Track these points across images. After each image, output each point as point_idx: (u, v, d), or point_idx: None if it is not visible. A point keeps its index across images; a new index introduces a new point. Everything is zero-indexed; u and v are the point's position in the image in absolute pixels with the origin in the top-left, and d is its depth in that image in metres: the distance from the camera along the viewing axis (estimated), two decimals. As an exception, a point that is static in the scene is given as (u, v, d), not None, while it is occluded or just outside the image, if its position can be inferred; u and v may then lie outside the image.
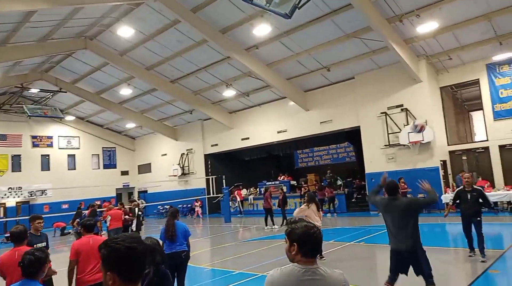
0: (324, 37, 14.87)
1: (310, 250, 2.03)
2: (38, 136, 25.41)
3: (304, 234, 2.03)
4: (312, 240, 2.02)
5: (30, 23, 13.44)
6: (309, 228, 2.05)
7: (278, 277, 2.02)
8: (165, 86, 19.85)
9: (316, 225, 2.10)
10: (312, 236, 2.03)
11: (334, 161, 25.12)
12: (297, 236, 2.04)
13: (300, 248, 2.01)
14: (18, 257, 3.92)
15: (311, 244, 2.03)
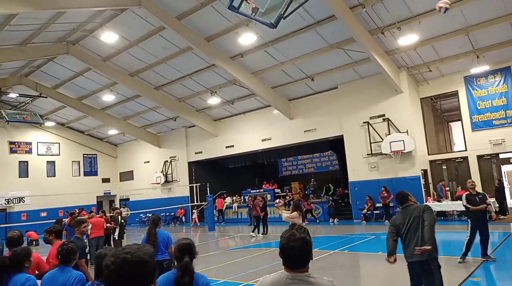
0: (308, 47, 15.07)
1: (289, 261, 2.03)
2: (16, 142, 24.71)
3: (283, 245, 2.04)
4: (289, 251, 2.02)
5: (10, 27, 13.16)
6: (289, 239, 2.03)
7: (266, 283, 2.04)
8: (149, 92, 19.68)
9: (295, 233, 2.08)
10: (289, 248, 2.01)
11: (318, 170, 25.29)
12: (280, 245, 2.07)
13: (283, 258, 2.05)
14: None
15: (288, 255, 2.03)
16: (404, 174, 15.82)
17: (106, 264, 1.42)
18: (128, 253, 1.41)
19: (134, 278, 1.39)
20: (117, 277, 1.38)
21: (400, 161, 15.85)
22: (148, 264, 1.43)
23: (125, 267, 1.38)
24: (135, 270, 1.39)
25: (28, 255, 3.70)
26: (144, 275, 1.41)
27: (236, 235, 17.31)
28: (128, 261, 1.39)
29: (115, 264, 1.39)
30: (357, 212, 17.08)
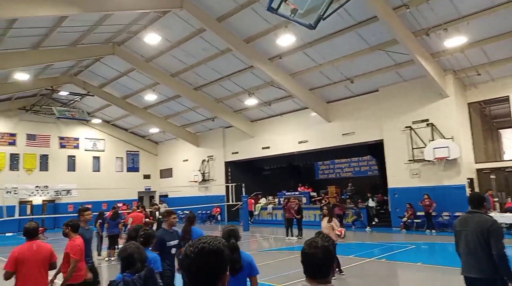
0: (348, 48, 14.73)
1: (310, 269, 1.96)
2: (65, 137, 26.24)
3: (304, 251, 1.99)
4: (310, 259, 1.95)
5: (62, 28, 13.96)
6: (309, 246, 1.98)
7: None
8: (188, 93, 20.14)
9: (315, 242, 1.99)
10: (310, 255, 1.95)
11: (355, 174, 24.66)
12: (301, 252, 2.00)
13: (303, 265, 1.98)
14: (36, 248, 4.58)
15: (309, 263, 1.96)
16: (448, 182, 15.03)
17: (185, 253, 1.54)
18: (205, 242, 1.53)
19: (211, 266, 1.51)
20: (196, 265, 1.51)
21: (444, 168, 15.07)
22: (223, 253, 1.55)
23: (203, 256, 1.51)
24: (212, 258, 1.51)
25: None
26: (220, 263, 1.54)
27: (270, 236, 17.27)
28: (206, 250, 1.51)
29: (194, 254, 1.51)
30: (396, 220, 16.45)
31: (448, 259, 10.58)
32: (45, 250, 4.68)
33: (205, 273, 1.52)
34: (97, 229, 13.07)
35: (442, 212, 15.15)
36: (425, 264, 9.60)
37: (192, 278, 1.54)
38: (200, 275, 1.52)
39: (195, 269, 1.51)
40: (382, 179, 19.64)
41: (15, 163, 23.84)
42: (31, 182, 23.81)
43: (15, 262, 4.43)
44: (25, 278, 4.44)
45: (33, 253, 4.54)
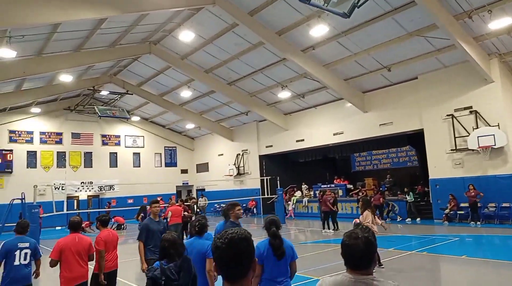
0: (385, 36, 14.29)
1: (351, 260, 1.94)
2: (107, 135, 27.43)
3: (344, 242, 1.97)
4: (351, 250, 1.93)
5: (101, 30, 14.53)
6: (349, 237, 1.96)
7: (328, 285, 1.97)
8: (222, 88, 20.39)
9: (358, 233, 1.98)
10: (351, 246, 1.93)
11: (394, 165, 23.99)
12: (341, 244, 1.99)
13: (344, 259, 1.96)
14: (78, 240, 5.19)
15: (350, 254, 1.94)
16: (494, 172, 14.29)
17: (216, 246, 1.63)
18: (232, 233, 1.64)
19: (242, 253, 1.60)
20: (228, 255, 1.59)
21: (489, 157, 14.33)
22: (250, 240, 1.66)
23: (234, 245, 1.60)
24: (243, 245, 1.61)
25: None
26: (249, 249, 1.63)
27: (306, 229, 17.24)
28: (235, 239, 1.61)
29: (225, 244, 1.60)
30: (438, 212, 15.89)
31: (496, 252, 10.11)
32: (85, 242, 5.25)
33: (237, 262, 1.60)
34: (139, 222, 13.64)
35: (488, 203, 14.46)
36: (470, 257, 9.23)
37: (225, 269, 1.61)
38: (233, 264, 1.59)
39: (227, 259, 1.59)
40: (423, 170, 19.03)
41: (62, 161, 25.24)
42: (77, 179, 25.12)
43: (59, 251, 4.99)
44: (67, 266, 4.98)
45: (75, 244, 5.09)
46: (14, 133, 23.70)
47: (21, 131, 23.94)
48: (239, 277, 1.60)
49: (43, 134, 24.73)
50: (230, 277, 1.61)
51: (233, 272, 1.60)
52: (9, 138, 23.46)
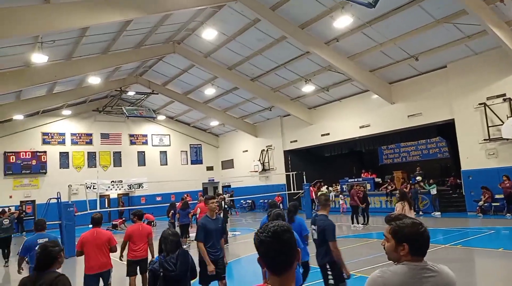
0: (411, 24, 13.89)
1: (422, 248, 1.96)
2: (134, 135, 28.10)
3: (416, 233, 1.96)
4: (423, 238, 1.96)
5: (127, 32, 14.85)
6: (417, 225, 1.97)
7: (391, 277, 1.90)
8: (245, 84, 20.44)
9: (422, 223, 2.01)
10: (423, 234, 1.96)
11: (424, 158, 23.39)
12: (408, 235, 1.95)
13: (411, 248, 1.94)
14: (96, 234, 5.86)
15: (423, 242, 1.96)
16: (531, 162, 13.69)
17: (260, 240, 1.61)
18: (274, 226, 1.63)
19: (287, 244, 1.60)
20: (274, 248, 1.59)
21: (526, 146, 13.73)
22: (291, 230, 1.65)
23: (279, 237, 1.60)
24: (286, 236, 1.61)
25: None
26: (293, 239, 1.63)
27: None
28: (279, 231, 1.60)
29: (270, 237, 1.60)
30: (471, 204, 15.38)
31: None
32: (103, 236, 5.93)
33: (283, 253, 1.59)
34: (170, 219, 13.93)
35: (526, 194, 13.86)
36: (507, 250, 8.90)
37: (272, 262, 1.60)
38: (281, 256, 1.58)
39: (274, 252, 1.58)
40: (454, 161, 18.47)
41: (92, 161, 26.08)
42: (107, 178, 25.86)
43: (80, 243, 5.81)
44: (87, 257, 5.76)
45: (94, 238, 5.80)
46: (47, 135, 24.67)
47: (53, 133, 24.89)
48: (286, 269, 1.60)
49: (74, 135, 25.62)
50: (277, 269, 1.60)
51: (280, 265, 1.59)
52: (42, 140, 24.45)
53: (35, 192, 23.34)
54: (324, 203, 5.24)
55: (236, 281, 8.64)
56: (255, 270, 8.27)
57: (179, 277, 3.72)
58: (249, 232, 15.83)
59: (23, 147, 23.44)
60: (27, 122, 23.63)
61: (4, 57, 13.29)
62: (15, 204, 22.68)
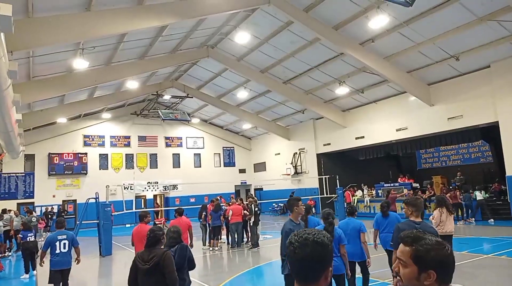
0: (452, 23, 13.29)
1: (451, 274, 1.56)
2: (170, 137, 28.81)
3: (444, 256, 1.54)
4: (452, 262, 1.56)
5: (163, 37, 15.27)
6: (443, 246, 1.56)
7: None
8: (278, 87, 20.40)
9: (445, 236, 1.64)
10: (450, 256, 1.55)
11: (465, 162, 22.28)
12: (436, 260, 1.53)
13: (439, 275, 1.52)
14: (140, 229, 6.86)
15: (452, 267, 1.56)
16: None
17: (290, 241, 1.60)
18: (310, 234, 1.58)
19: (314, 257, 1.54)
20: (299, 254, 1.55)
21: None
22: (327, 246, 1.56)
23: (307, 246, 1.54)
24: (316, 250, 1.54)
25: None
26: (323, 255, 1.55)
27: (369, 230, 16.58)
28: (310, 240, 1.55)
29: (298, 242, 1.56)
30: (518, 212, 14.43)
31: None
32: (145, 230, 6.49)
33: (307, 263, 1.54)
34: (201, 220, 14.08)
35: None
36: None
37: (294, 266, 1.57)
38: (302, 264, 1.55)
39: (297, 257, 1.55)
40: (499, 166, 17.43)
41: (130, 162, 26.99)
42: (144, 179, 26.68)
43: (132, 237, 6.97)
44: (136, 247, 6.74)
45: (139, 231, 6.80)
46: (88, 138, 25.81)
47: (94, 136, 26.00)
48: (306, 280, 1.55)
49: (113, 138, 26.63)
50: (297, 276, 1.57)
51: (300, 273, 1.56)
52: (83, 142, 25.60)
53: (76, 192, 24.46)
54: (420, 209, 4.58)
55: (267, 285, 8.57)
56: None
57: (176, 267, 4.11)
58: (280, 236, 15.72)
59: (66, 149, 24.66)
60: (70, 125, 24.84)
61: (49, 63, 14.04)
62: (57, 203, 23.90)
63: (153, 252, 3.97)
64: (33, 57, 12.98)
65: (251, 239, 13.05)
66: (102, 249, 13.18)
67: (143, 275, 3.88)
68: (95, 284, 9.81)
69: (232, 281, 8.59)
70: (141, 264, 3.92)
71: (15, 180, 23.30)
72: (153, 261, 3.87)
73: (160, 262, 3.87)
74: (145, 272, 3.86)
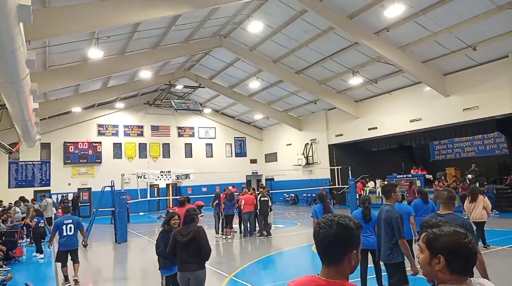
0: (469, 12, 12.98)
1: (465, 266, 1.55)
2: (182, 127, 29.01)
3: (457, 243, 1.54)
4: (467, 251, 1.54)
5: (176, 27, 15.28)
6: (460, 234, 1.56)
7: None
8: (290, 77, 20.30)
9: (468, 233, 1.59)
10: (467, 245, 1.54)
11: (479, 154, 21.96)
12: (445, 245, 1.56)
13: (449, 263, 1.54)
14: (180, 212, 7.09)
15: (466, 256, 1.54)
16: None
17: (318, 222, 1.69)
18: (336, 216, 1.66)
19: (337, 239, 1.60)
20: (323, 234, 1.62)
21: None
22: (351, 230, 1.61)
23: (331, 227, 1.61)
24: (339, 232, 1.60)
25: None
26: (346, 238, 1.60)
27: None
28: (335, 222, 1.62)
29: (324, 223, 1.64)
30: (534, 205, 14.23)
31: None
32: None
33: (330, 244, 1.60)
34: (214, 209, 14.25)
35: None
36: None
37: (319, 247, 1.65)
38: (325, 244, 1.61)
39: (321, 237, 1.62)
40: (515, 158, 17.16)
41: (143, 152, 27.31)
42: (157, 168, 27.00)
43: None
44: None
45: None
46: (102, 127, 26.16)
47: (108, 125, 26.34)
48: (330, 262, 1.61)
49: (127, 127, 26.94)
50: (321, 257, 1.65)
51: (324, 254, 1.63)
52: (97, 131, 25.97)
53: (91, 180, 24.90)
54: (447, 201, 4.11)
55: (279, 274, 8.68)
56: (296, 264, 8.28)
57: (187, 244, 4.74)
58: (292, 226, 15.84)
59: (80, 138, 25.06)
60: (84, 114, 25.19)
61: (64, 52, 14.22)
62: (73, 191, 24.40)
63: (190, 228, 4.77)
64: (49, 46, 13.16)
65: (260, 228, 13.23)
66: (117, 236, 13.47)
67: (182, 246, 4.71)
68: (111, 270, 10.07)
69: (245, 269, 8.72)
70: (179, 238, 4.73)
71: (31, 168, 23.85)
72: (190, 235, 4.68)
73: (196, 236, 4.67)
74: (184, 244, 4.69)
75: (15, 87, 9.07)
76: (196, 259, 4.68)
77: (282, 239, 12.91)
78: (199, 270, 4.70)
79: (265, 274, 8.68)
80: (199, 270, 4.70)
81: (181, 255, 4.73)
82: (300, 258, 10.09)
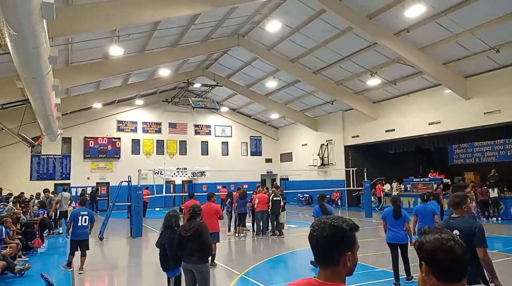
0: (493, 13, 12.66)
1: (447, 271, 1.54)
2: (199, 125, 29.31)
3: (437, 249, 1.55)
4: (448, 257, 1.54)
5: (195, 26, 15.43)
6: (442, 240, 1.57)
7: None
8: (307, 77, 20.22)
9: (454, 238, 1.60)
10: (448, 252, 1.53)
11: (500, 159, 21.32)
12: (427, 253, 1.59)
13: (432, 269, 1.56)
14: (208, 206, 8.37)
15: (446, 263, 1.54)
16: None
17: (312, 225, 1.71)
18: (329, 218, 1.67)
19: (330, 240, 1.60)
20: (317, 236, 1.64)
21: None
22: (344, 231, 1.61)
23: (324, 229, 1.62)
24: (332, 234, 1.60)
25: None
26: (339, 240, 1.60)
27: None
28: (327, 224, 1.63)
29: (317, 226, 1.66)
30: (557, 213, 13.78)
31: None
32: (213, 207, 8.59)
33: (324, 247, 1.61)
34: (227, 207, 14.36)
35: None
36: None
37: (313, 249, 1.66)
38: (319, 247, 1.63)
39: (314, 239, 1.64)
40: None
41: (160, 148, 27.73)
42: (173, 165, 27.35)
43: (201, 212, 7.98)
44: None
45: (207, 208, 8.17)
46: (122, 123, 26.68)
47: (127, 121, 26.85)
48: (326, 264, 1.62)
49: (145, 124, 27.41)
50: (317, 260, 1.66)
51: (319, 257, 1.64)
52: (117, 127, 26.50)
53: (110, 175, 25.44)
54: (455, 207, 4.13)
55: (289, 274, 8.70)
56: (307, 264, 8.26)
57: (190, 238, 5.06)
58: (305, 226, 15.79)
59: (100, 133, 25.63)
60: (105, 111, 25.74)
61: (86, 49, 14.57)
62: (92, 185, 24.99)
63: (193, 223, 5.17)
64: (71, 43, 13.51)
65: (272, 228, 13.25)
66: (133, 231, 13.74)
67: (186, 240, 5.05)
68: (126, 263, 10.29)
69: (255, 267, 8.77)
70: (184, 233, 5.09)
71: (53, 162, 24.54)
72: (193, 230, 5.04)
73: (198, 230, 5.03)
74: (187, 238, 5.03)
75: (37, 83, 9.37)
76: (199, 253, 4.98)
77: (294, 239, 12.91)
78: (201, 263, 4.98)
79: (276, 273, 8.70)
80: (201, 263, 4.98)
81: (186, 249, 5.08)
82: (311, 258, 10.07)
